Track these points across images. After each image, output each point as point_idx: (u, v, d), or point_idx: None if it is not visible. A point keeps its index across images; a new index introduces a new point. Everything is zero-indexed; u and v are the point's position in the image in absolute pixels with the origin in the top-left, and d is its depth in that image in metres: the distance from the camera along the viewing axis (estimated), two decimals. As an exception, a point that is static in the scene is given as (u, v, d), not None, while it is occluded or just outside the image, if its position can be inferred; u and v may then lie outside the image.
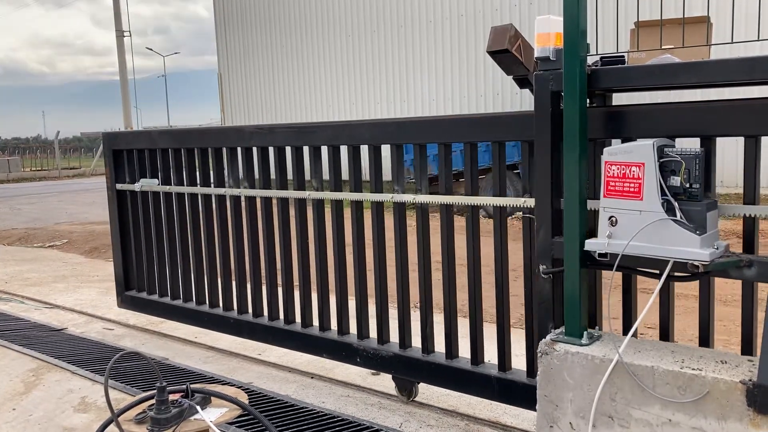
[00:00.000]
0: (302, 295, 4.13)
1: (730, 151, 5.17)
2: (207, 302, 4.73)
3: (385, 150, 3.64)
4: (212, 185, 4.61)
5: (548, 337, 2.73)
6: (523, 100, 14.64)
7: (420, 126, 3.51)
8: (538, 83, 2.76)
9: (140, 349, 5.02)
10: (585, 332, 2.64)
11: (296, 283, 4.20)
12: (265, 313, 4.35)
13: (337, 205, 3.89)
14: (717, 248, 2.39)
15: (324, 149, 3.89)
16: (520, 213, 3.20)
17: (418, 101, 18.22)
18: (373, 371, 4.23)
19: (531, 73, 2.94)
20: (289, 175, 4.15)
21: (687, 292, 4.52)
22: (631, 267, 2.59)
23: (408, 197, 3.56)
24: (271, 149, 4.16)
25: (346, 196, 3.78)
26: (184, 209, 4.82)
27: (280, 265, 4.23)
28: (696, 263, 2.35)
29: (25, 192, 23.99)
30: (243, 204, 4.39)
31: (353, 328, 3.90)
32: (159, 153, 4.86)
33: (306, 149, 3.97)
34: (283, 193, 4.13)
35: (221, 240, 4.56)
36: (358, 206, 3.80)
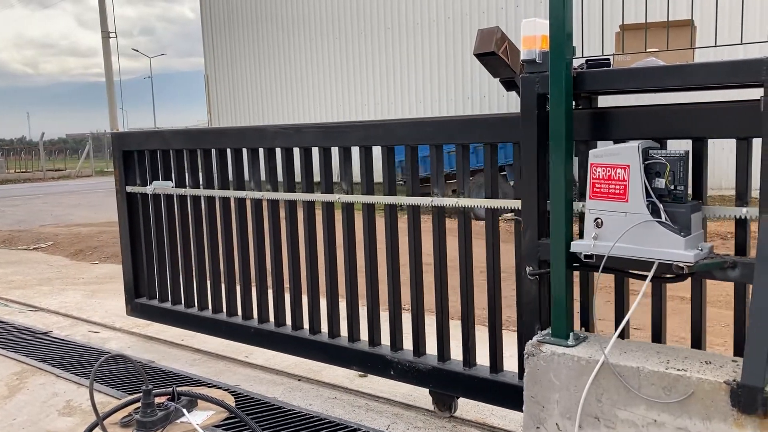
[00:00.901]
0: (329, 304, 3.93)
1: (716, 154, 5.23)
2: (225, 311, 4.53)
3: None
4: (231, 188, 4.39)
5: (535, 338, 2.74)
6: (509, 103, 14.70)
7: (462, 125, 3.31)
8: (524, 86, 2.77)
9: (126, 351, 4.98)
10: (571, 333, 2.66)
11: (321, 290, 3.99)
12: (288, 322, 4.17)
13: (369, 209, 3.69)
14: (701, 249, 2.42)
15: (355, 150, 3.71)
16: (510, 215, 3.20)
17: (405, 103, 18.24)
18: (360, 373, 4.22)
19: (517, 75, 2.95)
20: (316, 177, 3.92)
21: (672, 293, 4.56)
22: (617, 268, 2.60)
23: (450, 201, 3.35)
24: (296, 150, 3.96)
25: (380, 199, 3.59)
26: (200, 213, 4.61)
27: (304, 272, 4.04)
28: (681, 264, 2.37)
29: (9, 194, 23.77)
30: (265, 208, 4.20)
31: (385, 339, 3.72)
32: (173, 154, 4.67)
33: (335, 150, 3.78)
34: (309, 197, 3.93)
35: (240, 245, 4.36)
36: (392, 210, 3.61)
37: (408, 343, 3.65)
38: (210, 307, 4.64)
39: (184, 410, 2.71)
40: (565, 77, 2.56)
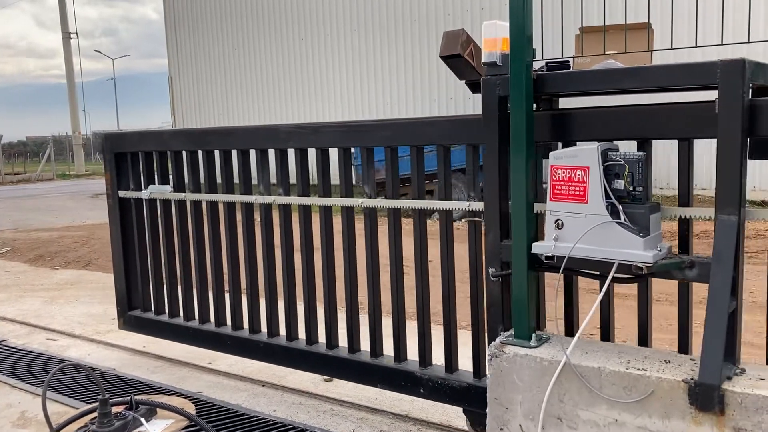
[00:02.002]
0: (349, 317, 3.63)
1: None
2: (229, 323, 4.21)
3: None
4: (238, 192, 4.07)
5: (498, 339, 2.75)
6: (475, 105, 14.77)
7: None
8: (485, 88, 2.78)
9: (86, 359, 4.87)
10: (534, 334, 2.67)
11: (339, 301, 3.75)
12: (302, 335, 3.87)
13: (395, 214, 3.40)
14: (660, 250, 2.44)
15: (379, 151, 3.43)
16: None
17: (372, 105, 18.24)
18: (325, 378, 4.19)
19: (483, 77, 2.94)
20: (334, 180, 3.68)
21: (629, 292, 4.61)
22: (578, 269, 2.62)
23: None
24: (311, 151, 3.69)
25: (408, 203, 3.32)
26: (201, 219, 4.28)
27: (320, 283, 3.73)
28: (640, 265, 2.39)
29: (-34, 198, 23.12)
30: (276, 213, 3.88)
31: (413, 354, 3.45)
32: (171, 156, 4.37)
33: (355, 151, 3.53)
34: (327, 201, 3.63)
35: (247, 253, 4.03)
36: (421, 216, 3.36)
37: (439, 358, 3.41)
38: (212, 320, 4.31)
39: (143, 419, 2.67)
40: (525, 79, 2.57)
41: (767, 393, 2.13)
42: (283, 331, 3.95)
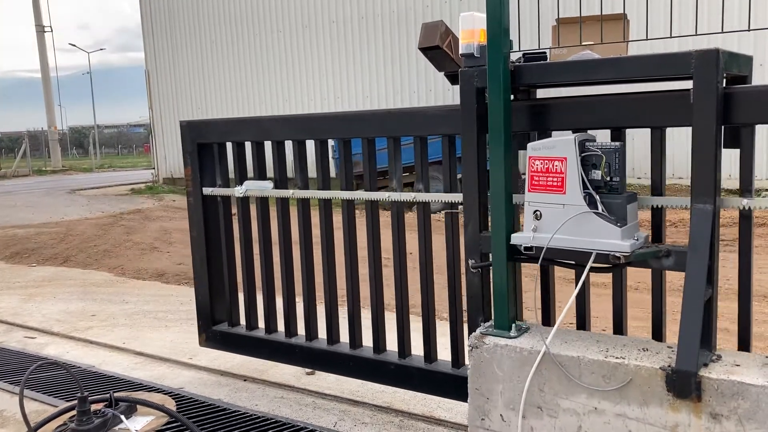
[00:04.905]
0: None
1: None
2: (348, 342, 3.65)
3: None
4: (365, 188, 3.49)
5: (478, 330, 2.76)
6: (455, 96, 14.79)
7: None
8: (463, 79, 2.78)
9: (65, 357, 4.82)
10: (513, 325, 2.68)
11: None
12: (418, 353, 3.44)
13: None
14: (637, 239, 2.47)
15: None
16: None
17: (352, 98, 18.18)
18: (308, 371, 4.19)
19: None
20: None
21: (602, 280, 4.66)
22: (557, 259, 2.63)
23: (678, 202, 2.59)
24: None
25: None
26: (309, 220, 3.75)
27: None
28: (617, 254, 2.41)
29: (-61, 196, 22.71)
30: (421, 212, 3.33)
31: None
32: (274, 146, 3.79)
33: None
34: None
35: (374, 260, 3.50)
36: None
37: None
38: (327, 337, 3.74)
39: (122, 416, 2.64)
40: (502, 71, 2.57)
41: (743, 379, 2.16)
42: (399, 346, 3.49)
